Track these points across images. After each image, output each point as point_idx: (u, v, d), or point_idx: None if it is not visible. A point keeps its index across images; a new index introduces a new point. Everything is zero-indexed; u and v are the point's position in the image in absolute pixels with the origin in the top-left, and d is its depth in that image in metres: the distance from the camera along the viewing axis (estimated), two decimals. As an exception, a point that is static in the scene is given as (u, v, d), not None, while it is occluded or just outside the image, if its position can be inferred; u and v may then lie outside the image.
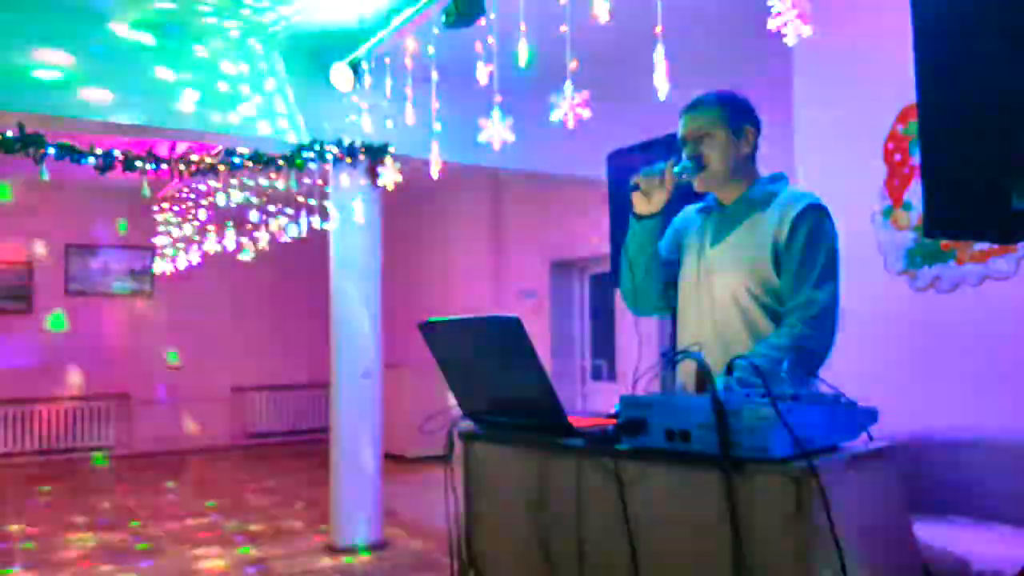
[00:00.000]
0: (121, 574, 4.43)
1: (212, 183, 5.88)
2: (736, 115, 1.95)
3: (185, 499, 6.52)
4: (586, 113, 2.77)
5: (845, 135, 3.38)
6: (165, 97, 4.45)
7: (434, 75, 3.60)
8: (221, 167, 5.00)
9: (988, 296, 2.88)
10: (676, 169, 1.90)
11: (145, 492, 6.79)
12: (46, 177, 4.26)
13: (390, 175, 4.62)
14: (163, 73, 4.46)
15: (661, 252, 2.04)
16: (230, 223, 6.52)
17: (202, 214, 6.68)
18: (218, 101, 4.61)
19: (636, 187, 1.93)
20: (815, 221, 1.86)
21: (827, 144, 3.46)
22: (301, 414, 9.62)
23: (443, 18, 3.33)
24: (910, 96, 1.40)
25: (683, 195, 2.02)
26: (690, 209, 2.10)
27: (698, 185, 1.98)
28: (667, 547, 1.43)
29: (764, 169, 2.03)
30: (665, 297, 2.06)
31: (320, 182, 5.27)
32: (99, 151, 4.62)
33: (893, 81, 3.04)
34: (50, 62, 4.16)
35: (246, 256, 6.57)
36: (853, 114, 3.34)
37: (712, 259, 1.96)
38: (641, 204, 1.95)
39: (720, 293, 1.92)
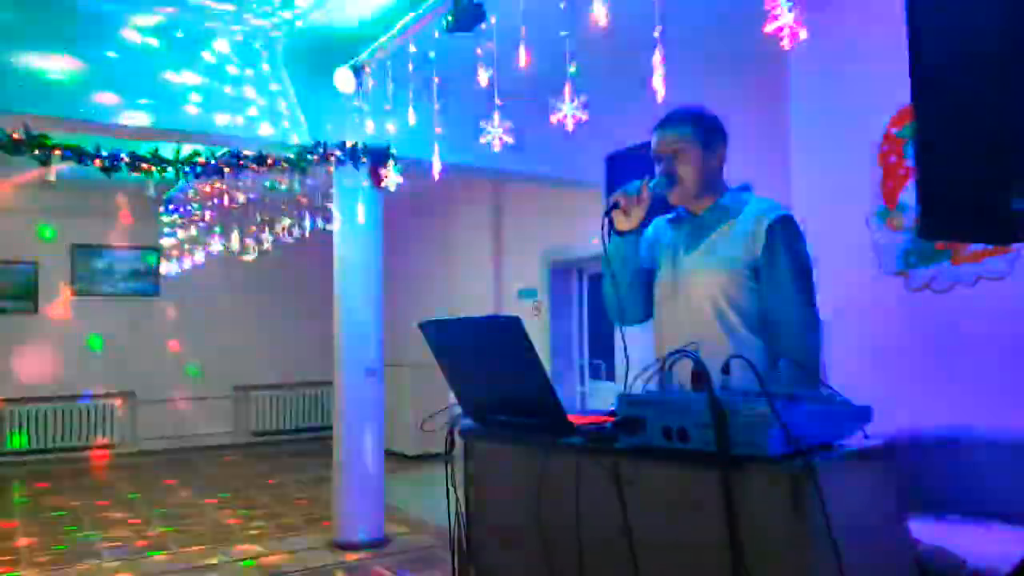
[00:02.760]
0: (126, 571, 4.46)
1: (217, 184, 5.91)
2: (707, 132, 2.04)
3: (189, 497, 6.55)
4: (585, 116, 2.80)
5: (840, 137, 3.40)
6: (170, 100, 4.48)
7: (435, 78, 3.63)
8: (226, 169, 5.02)
9: (983, 296, 2.89)
10: (651, 185, 1.99)
11: (150, 490, 6.82)
12: (52, 178, 4.29)
13: (392, 177, 4.65)
14: (169, 76, 4.49)
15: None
16: (235, 224, 6.56)
17: (207, 215, 6.72)
18: (223, 104, 4.63)
19: (616, 205, 2.01)
20: (791, 233, 1.95)
21: (822, 146, 3.48)
22: (304, 412, 9.66)
23: (444, 23, 3.36)
24: (905, 98, 1.41)
25: (655, 207, 2.10)
26: (660, 220, 2.18)
27: (672, 200, 2.07)
28: (665, 544, 1.45)
29: (759, 170, 2.08)
30: (648, 307, 2.14)
31: (323, 183, 5.29)
32: (105, 152, 4.64)
33: (888, 83, 3.06)
34: (56, 65, 4.19)
35: (250, 257, 6.61)
36: (848, 116, 3.36)
37: (687, 267, 2.03)
38: (621, 221, 2.03)
39: (696, 299, 1.99)
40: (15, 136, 4.22)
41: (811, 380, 1.84)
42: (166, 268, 8.30)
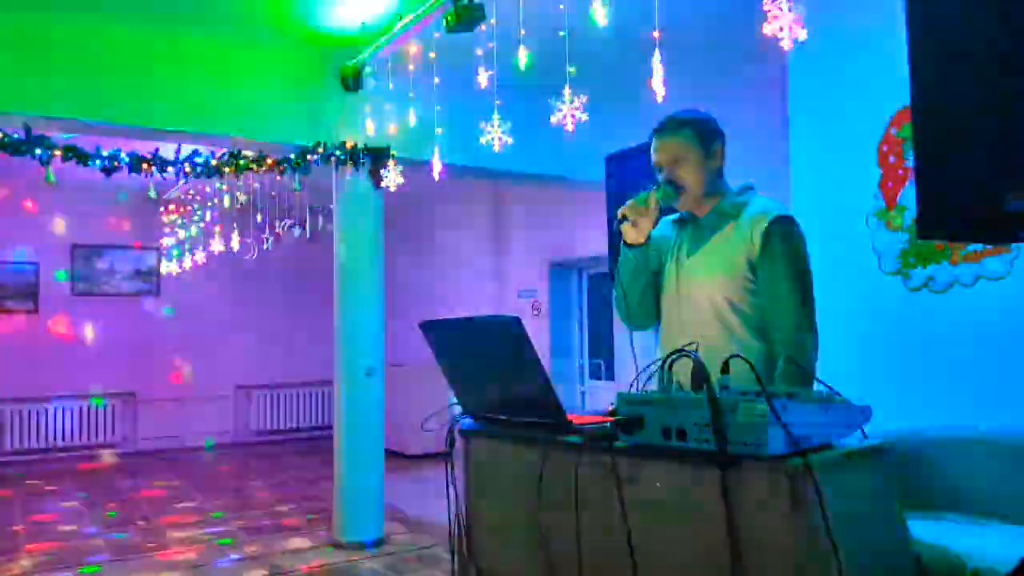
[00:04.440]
0: (127, 570, 4.47)
1: (218, 184, 5.92)
2: (706, 135, 2.05)
3: (190, 496, 6.56)
4: (584, 116, 2.80)
5: (839, 138, 3.40)
6: (171, 99, 4.48)
7: (435, 79, 3.64)
8: (227, 168, 5.03)
9: (982, 296, 2.90)
10: (658, 195, 2.01)
11: (150, 489, 6.83)
12: (53, 179, 4.29)
13: (392, 177, 4.65)
14: (170, 76, 4.49)
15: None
16: (235, 224, 6.57)
17: (207, 215, 6.73)
18: (224, 103, 4.64)
19: (624, 218, 2.01)
20: (788, 234, 1.95)
21: (822, 147, 3.49)
22: (304, 412, 9.67)
23: (444, 23, 3.36)
24: (904, 99, 1.42)
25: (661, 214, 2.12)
26: (665, 219, 2.18)
27: (678, 207, 2.09)
28: (664, 542, 1.45)
29: (759, 170, 2.09)
30: (658, 312, 2.16)
31: (324, 184, 5.30)
32: (105, 153, 4.64)
33: (887, 84, 3.08)
34: (55, 63, 4.19)
35: (250, 257, 6.62)
36: (847, 117, 3.37)
37: (689, 269, 2.06)
38: (631, 234, 2.04)
39: (699, 302, 2.02)
40: (15, 136, 4.22)
41: (805, 380, 1.85)
42: (166, 268, 8.32)
